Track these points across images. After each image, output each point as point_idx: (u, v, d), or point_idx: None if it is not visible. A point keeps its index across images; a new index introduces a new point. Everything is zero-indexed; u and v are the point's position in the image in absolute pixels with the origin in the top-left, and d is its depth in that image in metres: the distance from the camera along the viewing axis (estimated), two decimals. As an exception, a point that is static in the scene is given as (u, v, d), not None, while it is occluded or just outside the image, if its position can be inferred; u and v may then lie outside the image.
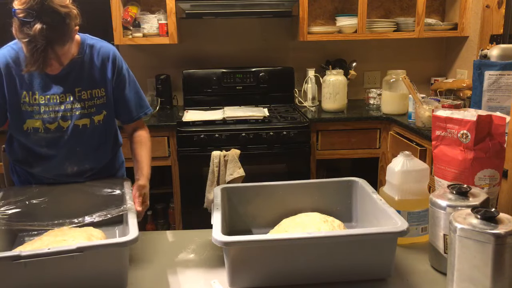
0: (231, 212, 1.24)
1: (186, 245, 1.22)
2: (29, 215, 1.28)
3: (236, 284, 1.00)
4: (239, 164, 2.60)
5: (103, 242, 1.03)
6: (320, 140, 2.86)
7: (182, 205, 2.82)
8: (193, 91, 3.19)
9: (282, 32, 3.35)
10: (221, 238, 0.95)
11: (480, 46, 2.88)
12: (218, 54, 3.33)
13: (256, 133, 2.71)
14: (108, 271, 0.99)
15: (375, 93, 3.09)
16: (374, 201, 1.13)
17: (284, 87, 3.25)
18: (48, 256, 0.93)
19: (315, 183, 1.30)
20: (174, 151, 2.78)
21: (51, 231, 1.19)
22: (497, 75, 2.04)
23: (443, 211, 0.99)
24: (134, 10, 2.95)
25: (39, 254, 0.93)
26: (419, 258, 1.12)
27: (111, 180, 1.41)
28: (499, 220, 0.85)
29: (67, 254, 0.93)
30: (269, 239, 1.02)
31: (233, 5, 2.87)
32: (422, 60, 3.44)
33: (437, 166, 1.18)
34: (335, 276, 1.01)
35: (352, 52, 3.36)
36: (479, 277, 0.84)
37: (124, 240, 0.98)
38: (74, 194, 1.37)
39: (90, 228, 1.19)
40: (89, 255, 0.96)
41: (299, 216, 1.18)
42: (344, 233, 1.06)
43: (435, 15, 3.34)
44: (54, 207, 1.32)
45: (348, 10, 3.27)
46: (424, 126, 2.44)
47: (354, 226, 1.27)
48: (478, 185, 1.10)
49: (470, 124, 1.08)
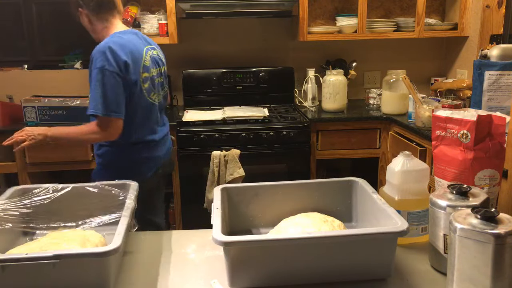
0: (231, 212, 1.24)
1: (186, 245, 1.22)
2: (33, 215, 1.27)
3: (236, 284, 1.00)
4: (239, 164, 2.60)
5: (81, 250, 1.00)
6: (320, 140, 2.86)
7: (182, 205, 2.83)
8: (193, 91, 3.19)
9: (282, 32, 3.35)
10: (221, 238, 0.95)
11: (480, 46, 2.88)
12: (218, 54, 3.33)
13: (256, 133, 2.71)
14: (89, 281, 0.96)
15: (375, 93, 3.09)
16: (374, 201, 1.13)
17: (284, 87, 3.25)
18: (24, 262, 0.91)
19: (315, 183, 1.30)
20: (174, 151, 2.78)
21: (51, 233, 1.19)
22: (497, 75, 2.04)
23: (443, 211, 0.99)
24: (134, 10, 2.95)
25: (15, 259, 0.91)
26: (419, 258, 1.12)
27: (120, 183, 1.39)
28: (499, 220, 0.85)
29: (43, 260, 0.91)
30: (269, 239, 1.02)
31: (233, 5, 2.87)
32: (422, 60, 3.44)
33: (437, 166, 1.18)
34: (335, 276, 1.01)
35: (352, 52, 3.36)
36: (479, 277, 0.85)
37: (103, 250, 0.93)
38: (81, 196, 1.36)
39: (90, 232, 1.19)
40: (68, 263, 0.93)
41: (299, 216, 1.18)
42: (344, 233, 1.06)
43: (435, 15, 3.34)
44: (59, 209, 1.30)
45: (348, 10, 3.27)
46: (424, 126, 2.44)
47: (354, 226, 1.27)
48: (478, 185, 1.10)
49: (470, 124, 1.08)
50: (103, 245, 1.13)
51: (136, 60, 1.87)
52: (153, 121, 2.02)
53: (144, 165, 2.00)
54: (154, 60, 2.02)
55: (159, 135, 2.06)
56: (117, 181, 1.33)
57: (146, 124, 1.98)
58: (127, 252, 1.18)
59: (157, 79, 2.03)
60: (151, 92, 1.97)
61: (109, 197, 1.30)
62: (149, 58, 1.96)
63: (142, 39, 2.01)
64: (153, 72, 1.99)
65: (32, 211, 1.27)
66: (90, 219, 1.26)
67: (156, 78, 2.02)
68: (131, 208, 1.18)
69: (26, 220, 1.25)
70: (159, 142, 2.06)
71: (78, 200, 1.32)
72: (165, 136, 2.15)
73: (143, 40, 2.02)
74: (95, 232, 1.19)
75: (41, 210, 1.28)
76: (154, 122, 2.03)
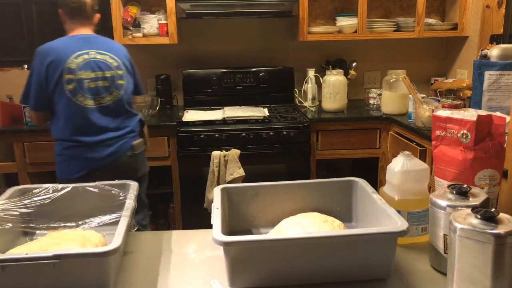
0: (231, 212, 1.24)
1: (186, 245, 1.22)
2: (33, 215, 1.27)
3: (236, 284, 1.00)
4: (239, 164, 2.60)
5: (81, 250, 1.00)
6: (320, 140, 2.86)
7: (182, 205, 2.83)
8: (193, 91, 3.19)
9: (282, 32, 3.35)
10: (221, 238, 0.95)
11: (480, 46, 2.88)
12: (218, 54, 3.33)
13: (256, 133, 2.71)
14: (89, 281, 0.96)
15: (375, 93, 3.09)
16: (374, 201, 1.13)
17: (284, 87, 3.25)
18: (24, 262, 0.91)
19: (315, 183, 1.30)
20: (174, 151, 2.78)
21: (51, 233, 1.19)
22: (497, 75, 2.04)
23: (443, 211, 0.99)
24: (134, 10, 2.95)
25: (15, 259, 0.91)
26: (419, 258, 1.12)
27: (120, 183, 1.39)
28: (499, 220, 0.84)
29: (43, 260, 0.91)
30: (269, 239, 1.02)
31: (233, 5, 2.87)
32: (422, 60, 3.44)
33: (437, 166, 1.18)
34: (335, 276, 1.01)
35: (352, 52, 3.36)
36: (479, 277, 0.84)
37: (103, 250, 0.93)
38: (81, 196, 1.36)
39: (90, 232, 1.18)
40: (68, 263, 0.93)
41: (299, 216, 1.18)
42: (344, 233, 1.06)
43: (435, 15, 3.34)
44: (59, 209, 1.30)
45: (348, 10, 3.27)
46: (424, 126, 2.44)
47: (354, 226, 1.27)
48: (478, 185, 1.10)
49: (470, 124, 1.08)
50: (103, 245, 1.12)
51: (59, 62, 2.05)
52: (84, 123, 2.11)
53: (71, 163, 2.13)
54: (92, 64, 2.11)
55: (94, 138, 2.13)
56: (117, 181, 1.33)
57: (72, 124, 2.11)
58: (127, 252, 1.18)
59: (92, 83, 2.11)
60: (77, 94, 2.09)
61: (109, 197, 1.30)
62: (80, 61, 2.08)
63: (86, 43, 2.14)
64: (82, 75, 2.08)
65: (32, 211, 1.27)
66: (90, 219, 1.26)
67: (90, 82, 2.10)
68: (131, 208, 1.18)
69: (26, 220, 1.25)
70: (93, 145, 2.13)
71: (78, 200, 1.32)
72: (111, 140, 2.17)
73: (87, 44, 2.14)
74: (95, 232, 1.18)
75: (41, 210, 1.28)
76: (86, 124, 2.11)
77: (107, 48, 2.20)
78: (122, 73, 2.20)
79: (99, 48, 2.17)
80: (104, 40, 2.24)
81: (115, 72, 2.18)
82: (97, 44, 2.18)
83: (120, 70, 2.20)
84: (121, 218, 1.11)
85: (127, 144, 2.24)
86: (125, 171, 2.22)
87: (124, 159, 2.23)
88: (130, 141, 2.25)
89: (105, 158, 2.16)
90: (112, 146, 2.18)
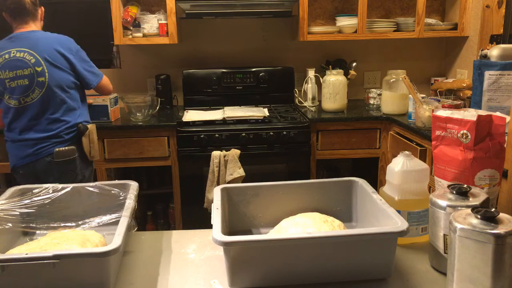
0: (231, 212, 1.24)
1: (186, 245, 1.22)
2: (33, 215, 1.27)
3: (236, 284, 1.00)
4: (239, 164, 2.60)
5: (81, 250, 1.00)
6: (320, 140, 2.86)
7: (182, 205, 2.83)
8: (193, 91, 3.19)
9: (282, 32, 3.35)
10: (221, 238, 0.95)
11: (480, 46, 2.88)
12: (218, 54, 3.33)
13: (256, 133, 2.71)
14: (89, 281, 0.96)
15: (375, 93, 3.09)
16: (374, 201, 1.13)
17: (284, 87, 3.25)
18: (24, 262, 0.91)
19: (315, 183, 1.30)
20: (174, 151, 2.78)
21: (51, 233, 1.19)
22: (497, 75, 2.04)
23: (443, 211, 0.99)
24: (134, 10, 2.95)
25: (15, 259, 0.91)
26: (419, 258, 1.12)
27: (120, 183, 1.39)
28: (499, 220, 0.84)
29: (43, 260, 0.91)
30: (269, 239, 1.02)
31: (233, 5, 2.87)
32: (422, 60, 3.45)
33: (437, 166, 1.18)
34: (335, 276, 1.01)
35: (352, 52, 3.36)
36: (479, 277, 0.84)
37: (103, 250, 0.93)
38: (81, 196, 1.36)
39: (90, 232, 1.19)
40: (68, 263, 0.93)
41: (299, 216, 1.18)
42: (344, 233, 1.06)
43: (435, 15, 3.34)
44: (59, 209, 1.30)
45: (348, 10, 3.27)
46: (424, 126, 2.45)
47: (354, 226, 1.27)
48: (478, 185, 1.10)
49: (470, 124, 1.08)
50: (103, 245, 1.12)
51: None
52: (11, 121, 2.18)
53: (10, 154, 2.26)
54: (10, 63, 2.12)
55: (17, 136, 2.18)
56: (117, 181, 1.33)
57: (6, 121, 2.22)
58: (127, 252, 1.18)
59: (12, 82, 2.12)
60: (4, 94, 2.17)
61: (109, 197, 1.30)
62: (1, 61, 2.12)
63: (12, 42, 2.15)
64: (1, 75, 2.13)
65: (32, 211, 1.27)
66: (90, 219, 1.26)
67: (11, 81, 2.12)
68: (131, 208, 1.18)
69: (26, 220, 1.25)
70: (16, 142, 2.19)
71: (78, 200, 1.32)
72: (29, 141, 2.16)
73: (12, 43, 2.15)
74: (95, 232, 1.19)
75: (41, 210, 1.28)
76: (12, 122, 2.18)
77: (30, 44, 2.13)
78: (40, 70, 2.12)
79: (21, 46, 2.13)
80: (36, 36, 2.17)
81: (33, 69, 2.11)
82: (22, 42, 2.14)
83: (38, 66, 2.11)
84: (121, 218, 1.11)
85: (47, 149, 2.16)
86: (45, 177, 2.16)
87: (43, 164, 2.17)
88: (53, 146, 2.16)
89: (24, 159, 2.18)
90: (31, 148, 2.16)
